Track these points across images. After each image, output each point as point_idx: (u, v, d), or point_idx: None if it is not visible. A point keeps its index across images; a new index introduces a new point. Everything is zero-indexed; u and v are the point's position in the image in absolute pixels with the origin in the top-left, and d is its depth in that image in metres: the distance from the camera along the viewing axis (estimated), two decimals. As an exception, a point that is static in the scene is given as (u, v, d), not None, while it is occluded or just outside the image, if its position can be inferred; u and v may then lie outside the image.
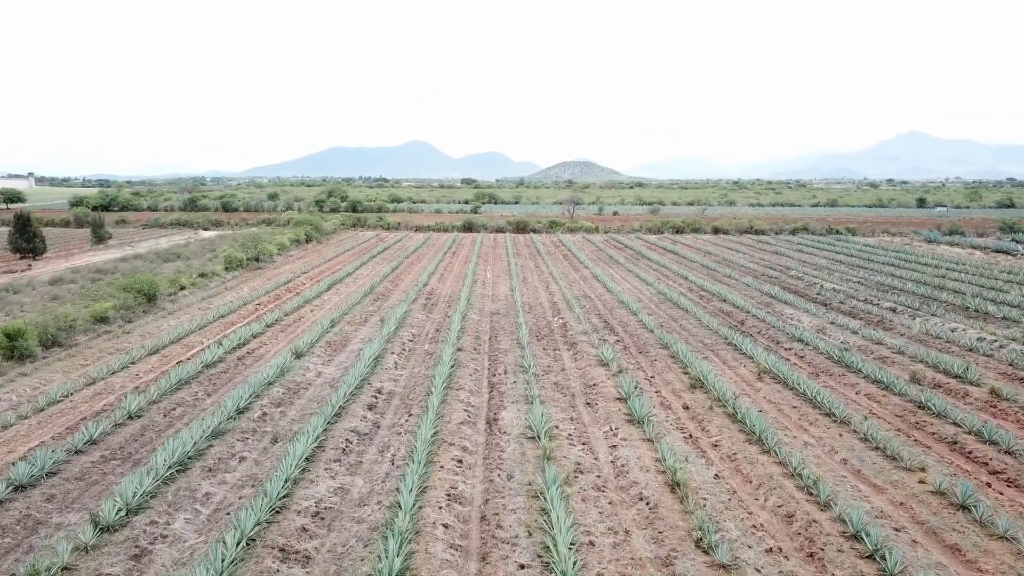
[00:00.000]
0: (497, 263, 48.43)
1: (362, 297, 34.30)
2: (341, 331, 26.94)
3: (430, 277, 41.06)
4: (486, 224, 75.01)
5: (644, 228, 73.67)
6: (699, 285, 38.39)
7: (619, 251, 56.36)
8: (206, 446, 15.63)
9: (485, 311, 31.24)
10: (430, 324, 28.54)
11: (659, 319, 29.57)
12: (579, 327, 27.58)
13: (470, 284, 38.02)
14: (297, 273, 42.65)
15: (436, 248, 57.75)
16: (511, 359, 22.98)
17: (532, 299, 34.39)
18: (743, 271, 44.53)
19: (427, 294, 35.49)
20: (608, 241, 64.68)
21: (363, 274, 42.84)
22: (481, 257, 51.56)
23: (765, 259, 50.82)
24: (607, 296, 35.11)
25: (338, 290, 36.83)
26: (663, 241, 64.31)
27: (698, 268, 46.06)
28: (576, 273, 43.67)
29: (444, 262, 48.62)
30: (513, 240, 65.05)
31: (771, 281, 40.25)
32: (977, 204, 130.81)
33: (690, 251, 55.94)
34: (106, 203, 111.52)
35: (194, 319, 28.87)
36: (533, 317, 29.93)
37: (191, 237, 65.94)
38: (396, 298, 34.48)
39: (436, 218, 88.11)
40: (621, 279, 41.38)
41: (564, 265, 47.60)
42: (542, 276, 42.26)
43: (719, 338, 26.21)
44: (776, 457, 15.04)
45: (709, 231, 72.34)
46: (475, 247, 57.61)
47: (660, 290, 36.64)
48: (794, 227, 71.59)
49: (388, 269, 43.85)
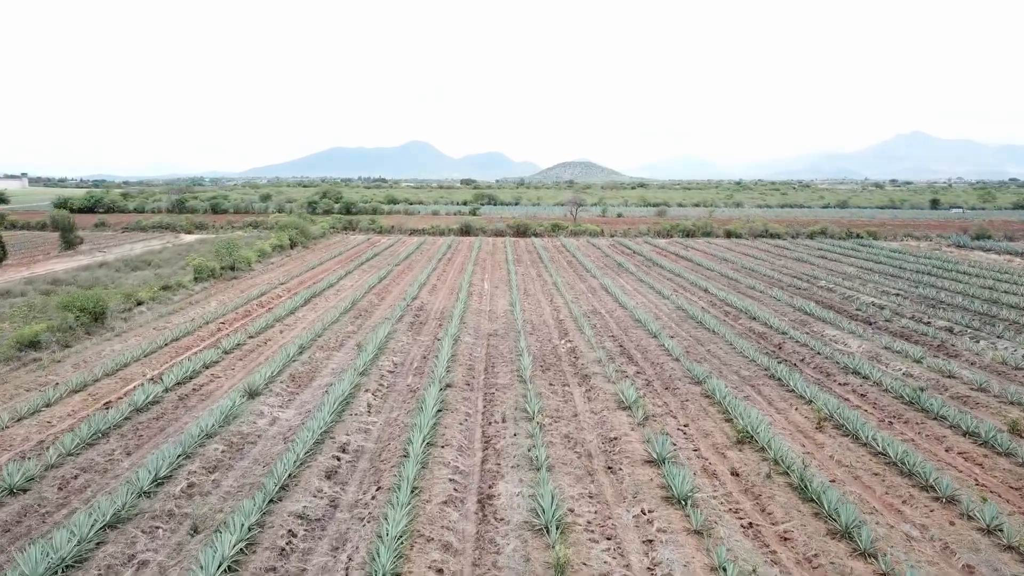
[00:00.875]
0: (496, 272, 44.33)
1: (342, 314, 30.21)
2: (310, 359, 22.84)
3: (421, 289, 36.96)
4: (484, 227, 70.93)
5: (652, 231, 69.55)
6: (721, 298, 34.26)
7: (628, 257, 52.24)
8: (95, 543, 11.53)
9: (481, 331, 27.14)
10: (416, 349, 24.42)
11: (683, 342, 25.44)
12: (591, 353, 23.47)
13: (465, 297, 33.93)
14: (275, 284, 38.54)
15: (430, 254, 53.64)
16: (511, 399, 18.87)
17: (535, 316, 30.28)
18: (767, 281, 40.42)
19: (416, 310, 31.39)
20: (615, 246, 60.57)
21: (347, 285, 38.74)
22: (478, 265, 47.45)
23: (787, 267, 46.70)
24: (620, 312, 31.00)
25: (316, 305, 32.72)
26: (674, 246, 60.20)
27: (717, 278, 41.94)
28: (583, 283, 39.57)
29: (438, 271, 44.52)
30: (513, 245, 60.96)
31: (801, 294, 36.14)
32: (992, 205, 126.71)
33: (705, 257, 51.82)
34: (91, 204, 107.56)
35: (143, 343, 24.76)
36: (537, 339, 25.82)
37: (170, 242, 61.88)
38: (380, 315, 30.37)
39: (432, 220, 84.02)
40: (633, 291, 37.27)
41: (569, 274, 43.50)
42: (545, 287, 38.16)
43: (757, 368, 22.10)
44: (877, 566, 10.92)
45: (721, 235, 68.21)
46: (472, 253, 53.53)
47: (679, 305, 32.53)
48: (811, 231, 67.46)
49: (375, 279, 39.75)
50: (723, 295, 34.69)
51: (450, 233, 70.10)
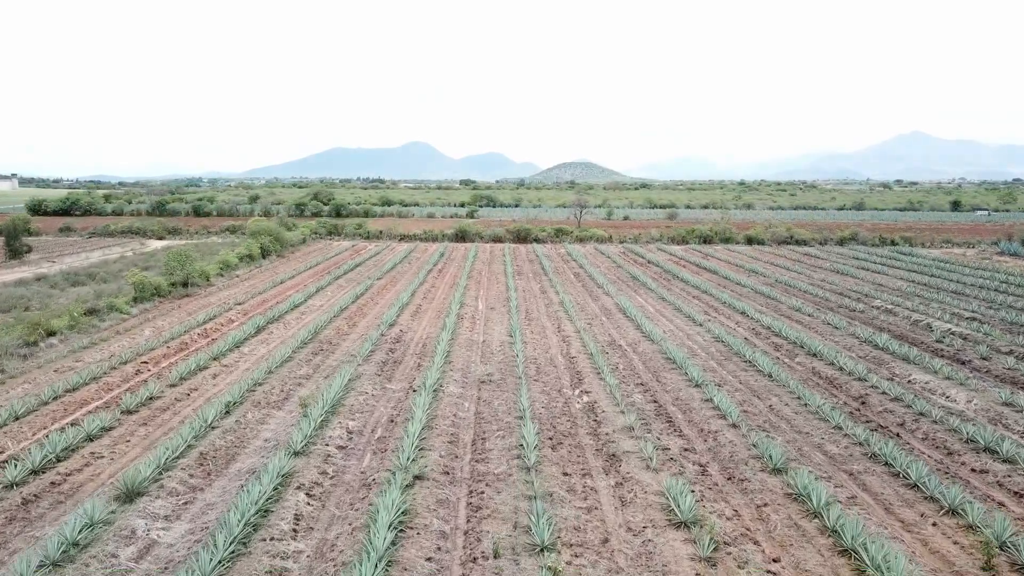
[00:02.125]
0: (492, 286, 38.34)
1: (299, 347, 24.25)
2: (237, 425, 16.87)
3: (402, 311, 30.98)
4: (482, 232, 64.91)
5: (665, 237, 63.52)
6: (766, 325, 28.25)
7: (642, 268, 46.24)
8: None
9: (471, 376, 21.16)
10: (382, 407, 18.43)
11: (735, 394, 19.45)
12: (617, 415, 17.50)
13: (454, 323, 27.98)
14: (230, 304, 32.58)
15: (419, 264, 47.66)
16: (507, 506, 12.85)
17: (540, 350, 24.30)
18: (812, 300, 34.40)
19: (392, 341, 25.40)
20: (626, 254, 54.57)
21: (316, 305, 32.76)
22: (473, 278, 41.45)
23: (828, 281, 40.69)
24: (645, 345, 25.01)
25: (271, 334, 26.73)
26: (691, 254, 54.19)
27: (751, 295, 35.95)
28: (595, 303, 33.58)
29: (425, 285, 38.53)
30: (513, 253, 54.95)
31: (858, 318, 30.15)
32: (1015, 207, 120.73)
33: (730, 269, 45.80)
34: (67, 207, 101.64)
35: (28, 396, 18.79)
36: (543, 389, 19.84)
37: (133, 249, 55.94)
38: (347, 350, 24.38)
39: (426, 224, 78.07)
40: (656, 312, 31.28)
41: (578, 289, 37.51)
42: (551, 308, 32.18)
43: (848, 442, 16.08)
44: None
45: (742, 241, 62.17)
46: (467, 263, 47.54)
47: (716, 334, 26.53)
48: (841, 236, 61.42)
49: (350, 297, 33.77)
50: (767, 320, 28.67)
51: (444, 239, 64.10)
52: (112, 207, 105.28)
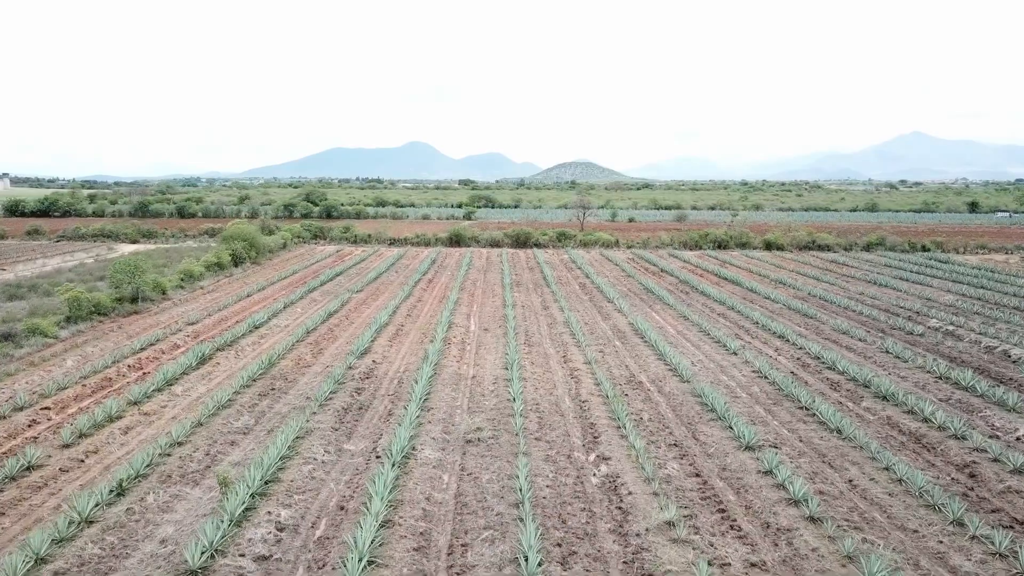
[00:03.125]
0: (488, 301, 33.73)
1: (245, 386, 19.65)
2: (126, 518, 12.24)
3: (379, 333, 26.35)
4: (478, 236, 60.23)
5: (676, 242, 58.82)
6: (813, 354, 23.57)
7: (656, 278, 41.59)
8: None
9: (455, 431, 16.54)
10: (332, 486, 13.76)
11: (802, 463, 14.79)
12: (649, 503, 12.88)
13: (439, 349, 23.37)
14: (181, 324, 27.97)
15: (408, 272, 43.03)
16: None
17: (543, 391, 19.67)
18: (857, 319, 29.74)
19: (361, 377, 20.78)
20: (635, 261, 49.94)
21: (281, 325, 28.13)
22: (466, 290, 36.81)
23: (868, 294, 36.05)
24: (672, 383, 20.38)
25: (216, 367, 22.10)
26: (707, 261, 49.55)
27: (784, 312, 31.33)
28: (606, 322, 28.95)
29: (411, 300, 33.90)
30: (511, 259, 50.32)
31: (918, 343, 25.50)
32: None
33: (754, 279, 41.14)
34: (46, 207, 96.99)
35: None
36: (547, 455, 15.21)
37: (98, 255, 51.34)
38: (304, 390, 19.75)
39: (420, 227, 73.43)
40: (678, 335, 26.63)
41: (585, 304, 32.88)
42: (555, 329, 27.54)
43: (982, 551, 11.43)
44: None
45: (759, 246, 57.50)
46: (460, 271, 42.92)
47: (755, 366, 21.92)
48: (867, 241, 56.74)
49: (322, 315, 29.15)
50: (812, 348, 24.00)
51: (437, 243, 59.43)
52: (93, 208, 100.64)
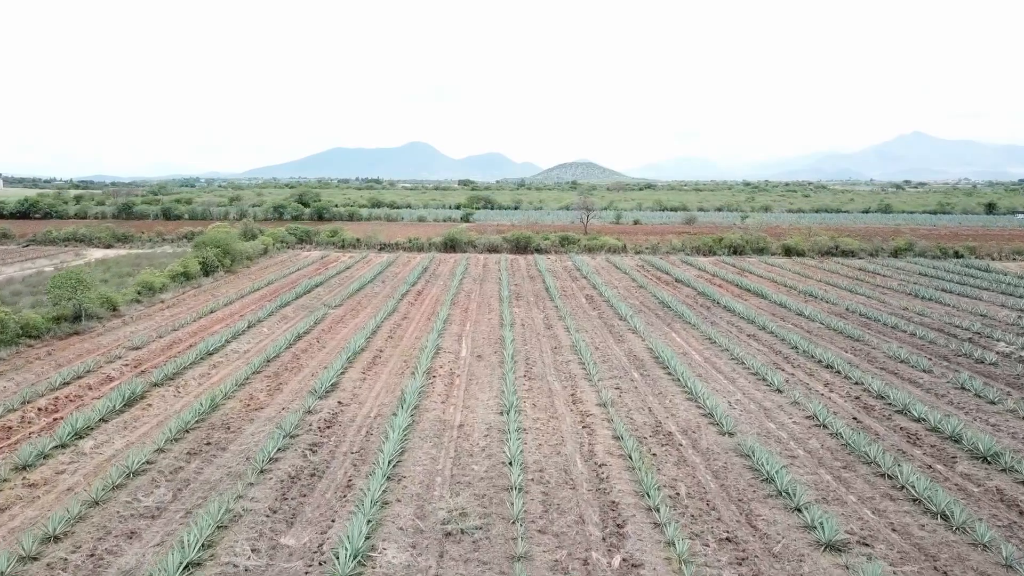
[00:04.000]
0: (482, 319, 29.62)
1: (174, 439, 15.58)
2: None
3: (353, 361, 22.25)
4: (475, 241, 56.07)
5: (688, 247, 54.66)
6: (875, 392, 19.37)
7: (670, 289, 37.46)
8: None
9: (431, 514, 12.44)
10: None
11: (905, 572, 10.72)
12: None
13: (421, 385, 19.30)
14: (123, 350, 23.89)
15: (395, 283, 38.94)
16: None
17: (548, 448, 15.55)
18: (910, 342, 25.56)
19: (320, 427, 16.68)
20: (645, 268, 45.84)
21: (240, 350, 24.04)
22: (458, 304, 32.71)
23: (912, 309, 31.92)
24: (709, 434, 16.27)
25: (146, 410, 17.98)
26: (723, 268, 45.45)
27: (824, 333, 27.20)
28: (620, 345, 24.83)
29: (396, 316, 29.79)
30: (510, 266, 46.22)
31: (996, 376, 21.35)
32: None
33: (781, 291, 37.00)
34: (25, 209, 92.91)
35: None
36: (555, 558, 11.10)
37: (62, 262, 47.28)
38: (246, 444, 15.66)
39: (414, 230, 69.34)
40: (707, 364, 22.50)
41: (594, 322, 28.76)
42: (560, 356, 23.42)
43: None
44: None
45: (778, 252, 53.34)
46: (453, 281, 38.83)
47: (809, 410, 17.81)
48: (895, 246, 52.59)
49: (290, 337, 25.04)
50: (871, 383, 19.84)
51: (431, 248, 55.29)
52: (75, 210, 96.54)
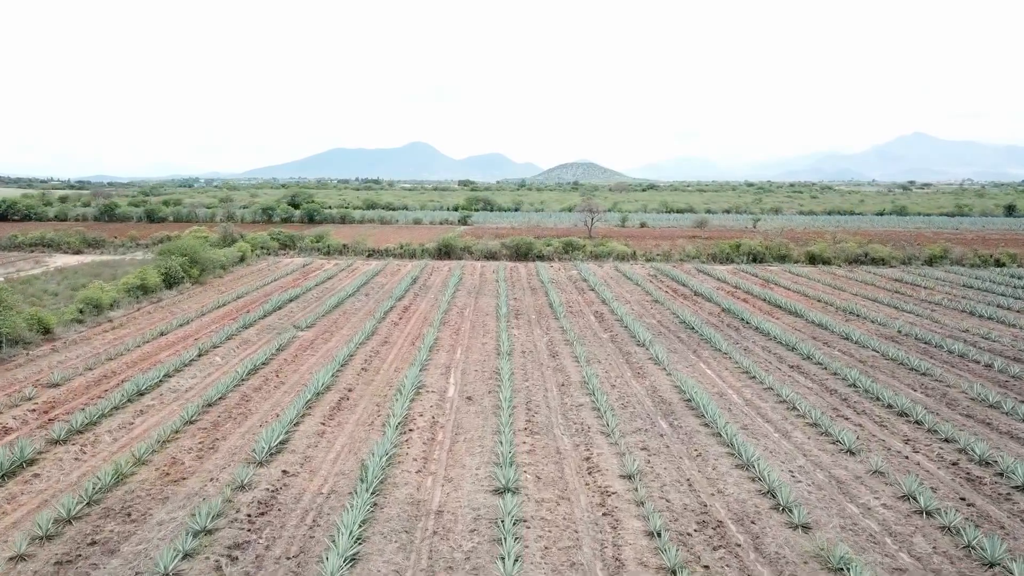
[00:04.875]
0: (475, 344, 25.36)
1: (52, 532, 11.30)
2: None
3: (312, 405, 17.96)
4: (471, 247, 51.78)
5: (703, 254, 50.38)
6: (976, 455, 15.00)
7: (690, 305, 33.21)
8: None
9: None
10: None
11: None
12: None
13: (391, 446, 15.03)
14: (41, 386, 19.64)
15: (381, 296, 34.70)
16: None
17: (558, 553, 11.29)
18: (986, 375, 21.22)
19: (252, 515, 12.40)
20: (659, 279, 41.57)
21: (179, 388, 19.76)
22: (448, 325, 28.42)
23: (973, 331, 27.60)
24: (774, 527, 12.00)
25: (30, 484, 13.71)
26: (745, 279, 41.17)
27: (880, 364, 22.86)
28: (641, 382, 20.56)
29: (374, 341, 25.50)
30: (510, 276, 41.98)
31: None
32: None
33: (814, 308, 32.69)
34: (3, 211, 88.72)
35: None
36: None
37: (19, 271, 43.07)
38: (143, 545, 11.37)
39: (408, 234, 65.16)
40: (749, 409, 18.20)
41: (607, 350, 24.46)
42: (570, 398, 19.13)
43: None
44: None
45: (802, 259, 49.05)
46: (445, 295, 34.57)
47: (893, 481, 13.54)
48: (930, 254, 48.31)
49: (244, 370, 20.77)
50: (970, 443, 15.56)
51: (423, 255, 51.03)
52: (55, 211, 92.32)
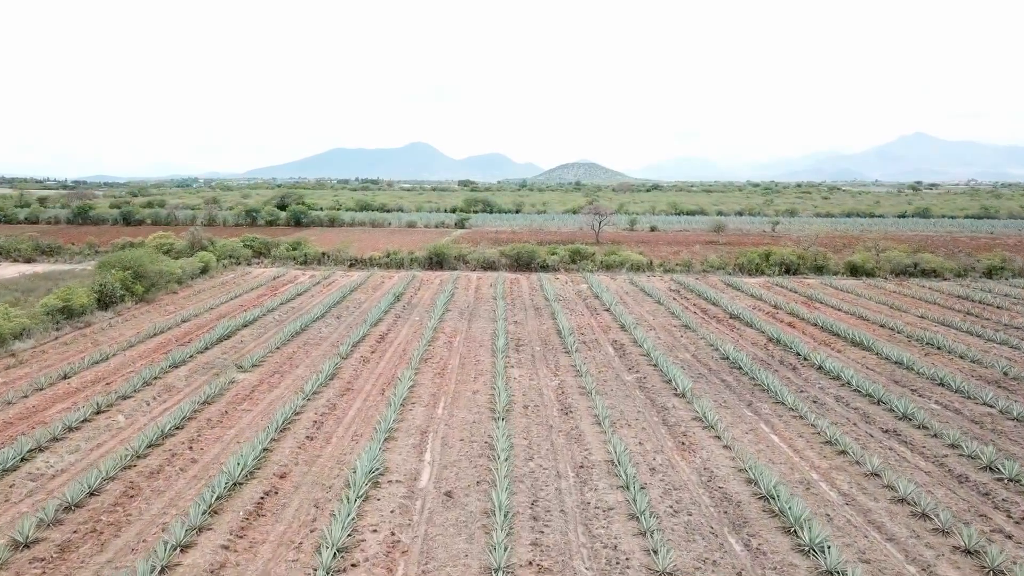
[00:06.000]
0: (464, 390, 19.60)
1: None
2: None
3: (220, 510, 12.20)
4: (467, 255, 46.05)
5: (729, 265, 44.60)
6: None
7: (729, 332, 27.47)
8: None
9: None
10: None
11: None
12: None
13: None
14: None
15: (355, 318, 28.99)
16: None
17: None
18: None
19: None
20: (684, 295, 35.84)
21: (41, 474, 14.02)
22: (431, 364, 22.64)
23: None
24: None
25: None
26: (783, 295, 35.46)
27: (1006, 428, 17.21)
28: (688, 461, 14.83)
29: (333, 388, 19.74)
30: (509, 292, 36.27)
31: None
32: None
33: (879, 336, 26.90)
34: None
35: None
36: None
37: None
38: None
39: (399, 239, 59.52)
40: (858, 516, 12.44)
41: (638, 406, 18.67)
42: (593, 496, 13.38)
43: None
44: None
45: (842, 271, 43.26)
46: (432, 318, 28.86)
47: None
48: (988, 265, 42.54)
49: (144, 441, 15.05)
50: None
51: (412, 264, 45.29)
52: (27, 214, 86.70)
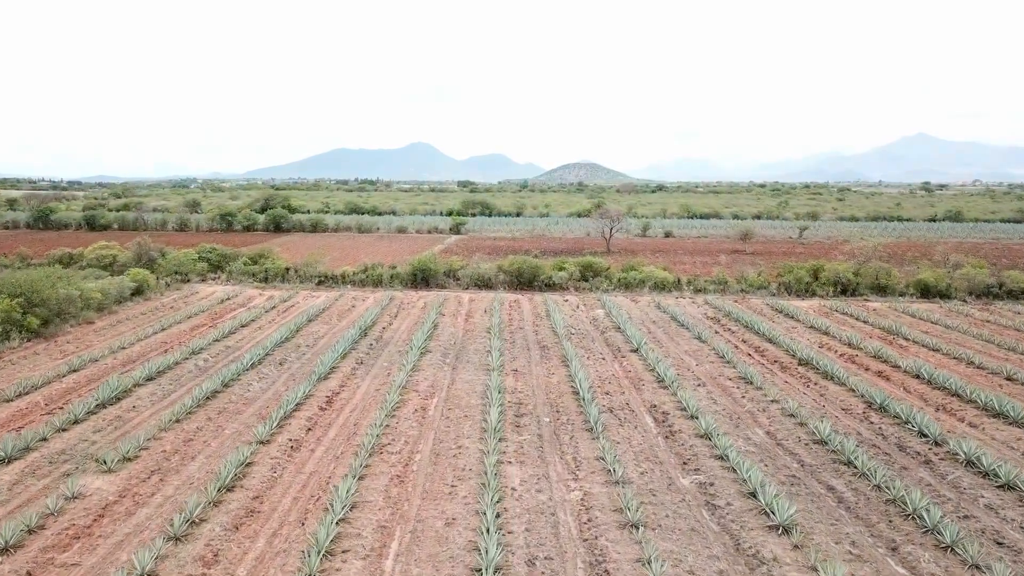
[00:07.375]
0: (430, 516, 12.38)
1: None
2: None
3: None
4: (458, 271, 38.82)
5: (773, 284, 37.35)
6: None
7: (804, 388, 20.30)
8: None
9: None
10: None
11: None
12: None
13: None
14: None
15: (301, 366, 21.79)
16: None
17: None
18: None
19: None
20: (727, 325, 28.62)
21: None
22: (390, 450, 15.44)
23: None
24: None
25: None
26: (852, 328, 28.26)
27: None
28: None
29: (232, 508, 12.53)
30: (508, 322, 29.08)
31: None
32: None
33: (1016, 397, 19.76)
34: (-78, 217, 76.29)
35: None
36: None
37: None
38: None
39: (386, 246, 52.40)
40: None
41: (711, 549, 11.48)
42: None
43: None
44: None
45: (909, 291, 36.02)
46: (406, 364, 21.66)
47: None
48: (1088, 284, 35.36)
49: None
50: None
51: (392, 282, 38.05)
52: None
